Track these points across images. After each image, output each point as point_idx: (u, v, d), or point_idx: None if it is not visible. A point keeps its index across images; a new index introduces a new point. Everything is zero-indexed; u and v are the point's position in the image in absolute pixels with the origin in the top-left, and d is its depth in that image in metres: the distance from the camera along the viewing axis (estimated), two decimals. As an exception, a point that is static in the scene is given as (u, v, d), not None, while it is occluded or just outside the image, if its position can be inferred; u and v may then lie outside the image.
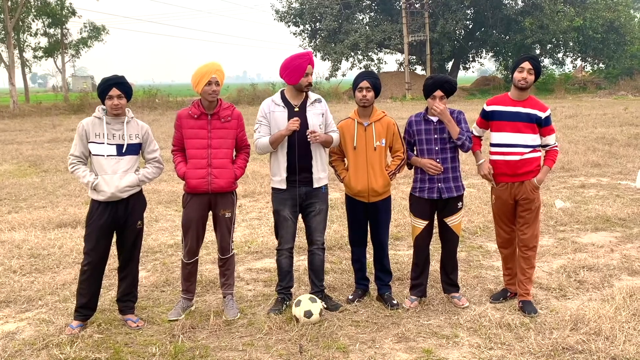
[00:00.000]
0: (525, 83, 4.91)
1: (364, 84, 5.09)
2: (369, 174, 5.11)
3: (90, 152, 4.78)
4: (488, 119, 5.15)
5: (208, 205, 5.03)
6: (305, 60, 5.03)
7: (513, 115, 4.98)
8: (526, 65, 4.91)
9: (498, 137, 5.06)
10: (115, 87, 4.70)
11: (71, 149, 4.85)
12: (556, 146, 5.11)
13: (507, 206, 5.12)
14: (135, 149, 4.85)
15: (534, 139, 4.98)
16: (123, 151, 4.77)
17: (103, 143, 4.74)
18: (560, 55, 44.35)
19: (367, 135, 5.14)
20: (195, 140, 4.93)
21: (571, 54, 44.41)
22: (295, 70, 5.01)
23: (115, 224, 4.82)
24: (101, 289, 4.96)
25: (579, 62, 47.35)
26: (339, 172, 5.32)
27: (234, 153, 5.12)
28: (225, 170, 4.95)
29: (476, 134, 5.29)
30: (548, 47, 42.47)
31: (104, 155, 4.74)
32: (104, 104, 4.78)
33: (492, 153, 5.13)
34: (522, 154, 4.97)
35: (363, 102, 5.11)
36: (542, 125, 4.97)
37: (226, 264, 5.17)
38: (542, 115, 4.95)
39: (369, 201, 5.18)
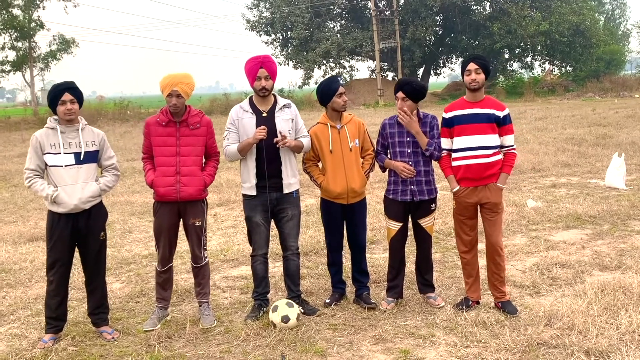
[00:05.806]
0: (476, 84, 4.91)
1: (342, 89, 5.18)
2: (347, 175, 5.14)
3: (46, 165, 4.65)
4: (450, 126, 5.05)
5: (178, 213, 4.98)
6: (256, 64, 4.96)
7: (472, 117, 4.94)
8: (472, 66, 4.91)
9: (460, 141, 4.98)
10: (67, 91, 4.61)
11: (26, 163, 4.69)
12: (514, 148, 5.04)
13: (470, 210, 5.06)
14: (93, 157, 4.75)
15: (495, 139, 4.94)
16: (81, 159, 4.67)
17: (60, 153, 4.62)
18: (528, 59, 45.23)
19: (341, 138, 5.18)
20: (164, 147, 4.87)
21: (539, 58, 45.28)
22: (248, 74, 5.00)
23: (77, 235, 4.71)
24: (74, 302, 4.87)
25: (547, 66, 48.25)
26: (315, 177, 5.28)
27: (204, 160, 5.08)
28: (194, 177, 4.89)
29: (446, 146, 5.08)
30: (517, 52, 43.22)
31: (62, 166, 4.61)
32: (55, 113, 4.67)
33: (454, 159, 5.04)
34: (486, 156, 4.91)
35: (344, 107, 5.18)
36: (501, 125, 4.94)
37: (200, 272, 5.13)
38: (500, 114, 4.93)
39: (347, 202, 5.20)
